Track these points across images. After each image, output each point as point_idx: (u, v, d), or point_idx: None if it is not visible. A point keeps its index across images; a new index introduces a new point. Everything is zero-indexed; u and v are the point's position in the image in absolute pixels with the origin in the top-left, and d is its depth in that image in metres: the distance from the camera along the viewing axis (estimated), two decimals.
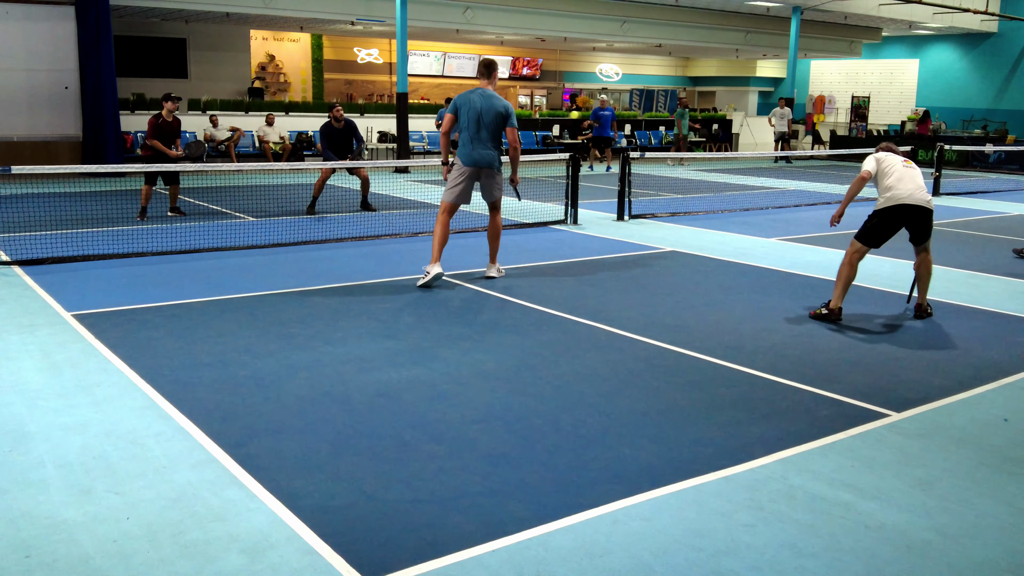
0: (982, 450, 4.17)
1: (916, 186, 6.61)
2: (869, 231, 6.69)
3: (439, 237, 7.55)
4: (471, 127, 7.50)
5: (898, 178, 6.62)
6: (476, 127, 7.49)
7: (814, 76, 32.57)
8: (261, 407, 4.52)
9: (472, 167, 7.58)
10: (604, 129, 19.89)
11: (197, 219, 11.22)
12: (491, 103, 7.53)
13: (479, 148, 7.55)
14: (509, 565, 3.05)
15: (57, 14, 15.59)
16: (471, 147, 7.55)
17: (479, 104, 7.51)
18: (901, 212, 6.59)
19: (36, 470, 3.73)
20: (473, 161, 7.55)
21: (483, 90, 7.61)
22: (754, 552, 3.17)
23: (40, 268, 7.94)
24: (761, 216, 12.61)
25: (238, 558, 3.06)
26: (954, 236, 10.98)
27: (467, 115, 7.52)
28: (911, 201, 6.56)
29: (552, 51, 31.17)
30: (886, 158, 6.79)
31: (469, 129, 7.51)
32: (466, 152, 7.56)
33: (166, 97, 11.08)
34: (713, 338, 6.00)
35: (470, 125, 7.50)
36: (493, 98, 7.58)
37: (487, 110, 7.52)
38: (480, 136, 7.53)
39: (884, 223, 6.66)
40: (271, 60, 26.04)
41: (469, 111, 7.50)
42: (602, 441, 4.16)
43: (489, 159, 7.61)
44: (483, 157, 7.57)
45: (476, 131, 7.50)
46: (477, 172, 7.62)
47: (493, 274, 7.84)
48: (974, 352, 5.82)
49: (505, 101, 7.72)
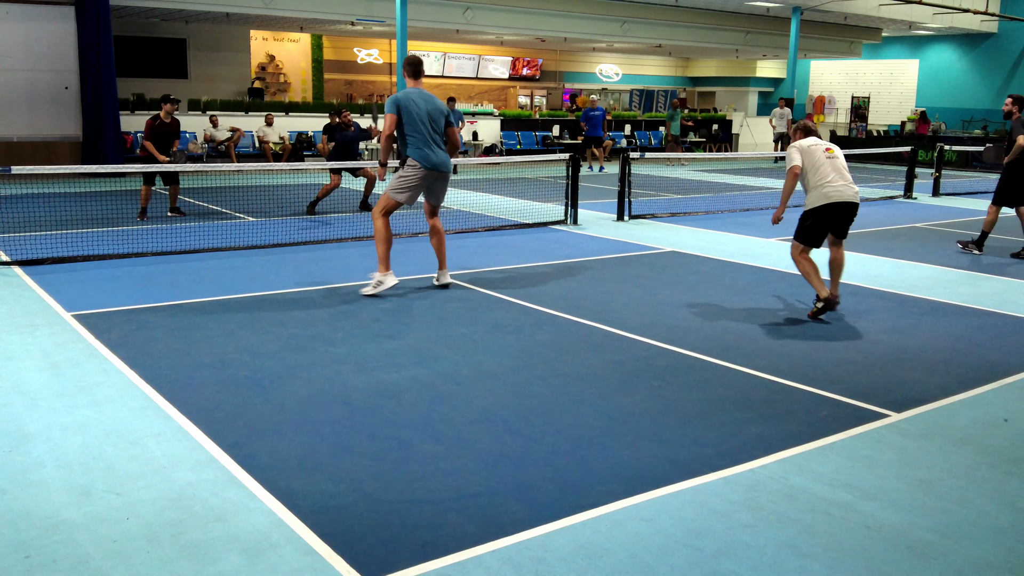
0: (982, 450, 4.17)
1: (845, 181, 6.62)
2: (807, 232, 6.69)
3: (387, 241, 7.23)
4: (423, 129, 7.15)
5: (825, 174, 6.58)
6: (429, 129, 7.17)
7: (814, 76, 32.58)
8: (261, 407, 4.52)
9: (432, 171, 7.24)
10: (596, 129, 19.93)
11: (197, 219, 11.22)
12: (434, 104, 7.27)
13: (437, 151, 7.24)
14: (509, 565, 3.05)
15: (57, 14, 15.59)
16: (429, 150, 7.19)
17: (424, 105, 7.18)
18: (833, 210, 6.58)
19: (36, 470, 3.73)
20: (434, 165, 7.21)
21: (420, 90, 7.30)
22: (754, 552, 3.17)
23: (40, 268, 7.94)
24: (761, 216, 12.61)
25: (238, 558, 3.06)
26: (954, 236, 10.98)
27: (415, 117, 7.15)
28: (843, 199, 6.57)
29: (552, 51, 31.17)
30: (810, 150, 6.66)
31: (420, 131, 7.15)
32: (423, 155, 7.17)
33: (164, 99, 11.07)
34: (713, 338, 6.00)
35: (421, 127, 7.15)
36: (433, 99, 7.32)
37: (433, 111, 7.24)
38: (435, 138, 7.24)
39: (818, 223, 6.65)
40: (271, 60, 26.04)
41: (417, 112, 7.14)
42: (602, 441, 4.16)
43: (447, 162, 7.35)
44: (443, 160, 7.29)
45: (429, 133, 7.18)
46: (434, 176, 7.29)
47: (447, 280, 7.51)
48: (974, 352, 5.82)
49: (441, 100, 7.50)
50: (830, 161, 6.63)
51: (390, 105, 7.19)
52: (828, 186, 6.55)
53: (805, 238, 6.69)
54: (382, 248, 7.20)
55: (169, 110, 11.01)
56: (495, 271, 8.19)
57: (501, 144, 22.75)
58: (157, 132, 10.96)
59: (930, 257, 9.45)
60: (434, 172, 7.26)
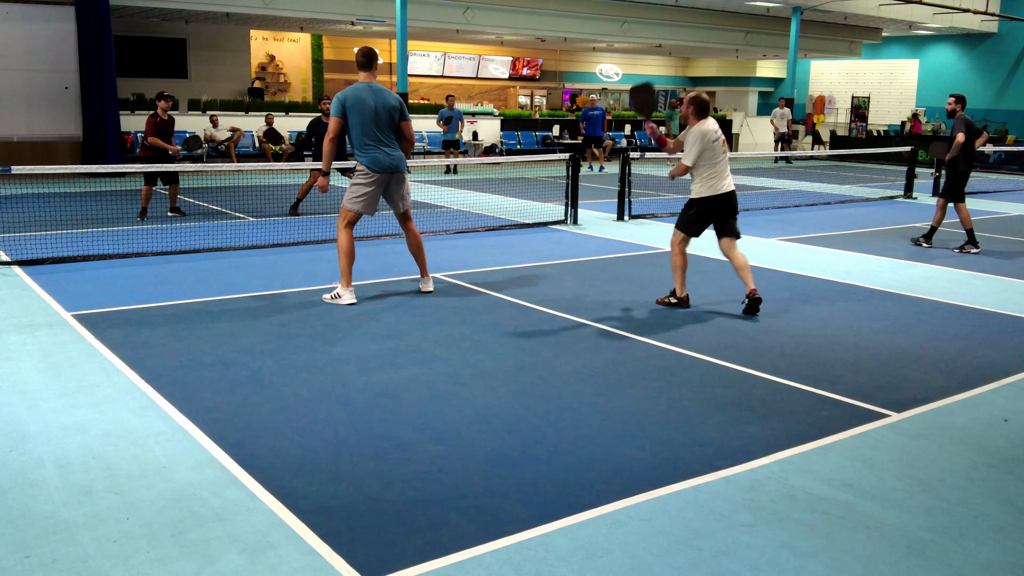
0: (982, 450, 4.17)
1: (728, 171, 6.79)
2: (691, 221, 6.78)
3: (348, 255, 6.84)
4: (371, 129, 6.70)
5: (721, 169, 6.68)
6: (377, 128, 6.72)
7: (814, 76, 32.57)
8: (261, 407, 4.52)
9: (383, 174, 6.81)
10: (595, 129, 19.92)
11: (197, 219, 11.21)
12: (384, 98, 6.75)
13: (388, 151, 6.81)
14: (509, 565, 3.05)
15: (57, 14, 15.59)
16: (379, 151, 6.76)
17: (373, 102, 6.67)
18: (720, 200, 6.70)
19: (36, 470, 3.73)
20: (385, 167, 6.79)
21: (370, 84, 6.77)
22: (754, 552, 3.17)
23: (40, 268, 7.94)
24: (761, 216, 12.61)
25: (238, 558, 3.06)
26: (954, 236, 10.98)
27: (362, 116, 6.67)
28: (728, 189, 6.72)
29: (552, 51, 31.17)
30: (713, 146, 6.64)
31: (370, 132, 6.70)
32: (373, 157, 6.76)
33: (160, 96, 11.11)
34: (713, 338, 6.00)
35: (370, 127, 6.69)
36: (384, 92, 6.79)
37: (383, 107, 6.71)
38: (387, 137, 6.79)
39: (703, 213, 6.75)
40: (271, 60, 26.04)
41: (363, 111, 6.66)
42: (602, 441, 4.16)
43: (400, 163, 6.90)
44: (395, 161, 6.85)
45: (378, 132, 6.73)
46: (387, 179, 6.87)
47: (429, 288, 7.24)
48: (974, 352, 5.82)
49: (393, 93, 6.96)
50: (725, 156, 6.74)
51: (335, 107, 6.70)
52: (720, 180, 6.68)
53: (687, 227, 6.80)
54: (343, 261, 6.83)
55: (165, 107, 11.04)
56: (495, 271, 8.19)
57: (501, 144, 22.75)
58: (158, 128, 10.99)
59: (930, 257, 9.45)
60: (386, 176, 6.86)
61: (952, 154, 9.75)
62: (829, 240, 10.39)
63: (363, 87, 6.74)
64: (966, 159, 9.84)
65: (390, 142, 6.84)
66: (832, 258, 9.23)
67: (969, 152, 9.83)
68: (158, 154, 11.04)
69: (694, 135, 6.62)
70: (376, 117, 6.70)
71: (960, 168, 9.87)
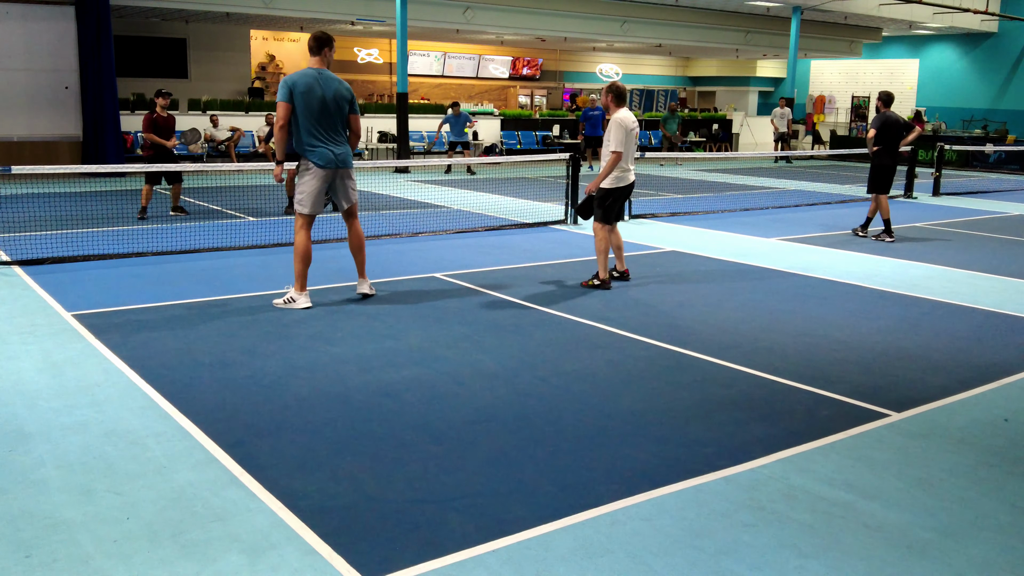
0: (982, 450, 4.17)
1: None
2: (609, 212, 7.33)
3: (303, 259, 6.47)
4: (319, 119, 6.27)
5: (631, 157, 7.18)
6: (324, 118, 6.31)
7: (814, 76, 32.57)
8: (261, 407, 4.52)
9: (330, 168, 6.44)
10: (595, 129, 19.81)
11: (197, 219, 11.21)
12: (334, 87, 6.35)
13: (334, 145, 6.42)
14: (509, 565, 3.05)
15: (57, 14, 15.59)
16: (325, 144, 6.37)
17: (320, 90, 6.25)
18: (628, 189, 7.37)
19: (36, 470, 3.73)
20: (330, 161, 6.41)
21: (320, 71, 6.33)
22: (754, 552, 3.17)
23: (40, 268, 7.94)
24: (761, 216, 12.61)
25: (238, 558, 3.06)
26: (954, 236, 10.98)
27: (309, 104, 6.21)
28: (634, 178, 7.40)
29: (552, 51, 31.16)
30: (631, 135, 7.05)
31: (319, 122, 6.28)
32: (320, 151, 6.35)
33: (158, 93, 11.18)
34: (713, 338, 6.00)
35: (317, 116, 6.26)
36: (334, 80, 6.40)
37: (335, 96, 6.31)
38: (335, 129, 6.38)
39: (617, 199, 7.36)
40: (271, 60, 26.03)
41: (311, 99, 6.21)
42: (602, 441, 4.16)
43: (347, 157, 6.52)
44: (342, 155, 6.46)
45: (325, 123, 6.33)
46: (334, 174, 6.50)
47: (366, 290, 6.89)
48: (974, 352, 5.82)
49: (344, 82, 6.55)
50: (635, 146, 7.21)
51: (282, 91, 6.22)
52: (630, 171, 7.24)
53: (608, 218, 7.34)
54: (298, 266, 6.49)
55: (164, 104, 11.06)
56: (495, 271, 8.19)
57: (501, 144, 22.75)
58: (156, 125, 10.99)
59: (930, 257, 9.45)
60: (332, 171, 6.47)
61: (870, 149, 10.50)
62: (829, 240, 10.39)
63: (312, 72, 6.31)
64: (890, 154, 10.43)
65: (339, 134, 6.46)
66: (832, 258, 9.22)
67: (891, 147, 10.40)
68: (159, 153, 11.05)
69: (617, 123, 7.04)
70: (324, 108, 6.31)
71: (883, 162, 10.44)
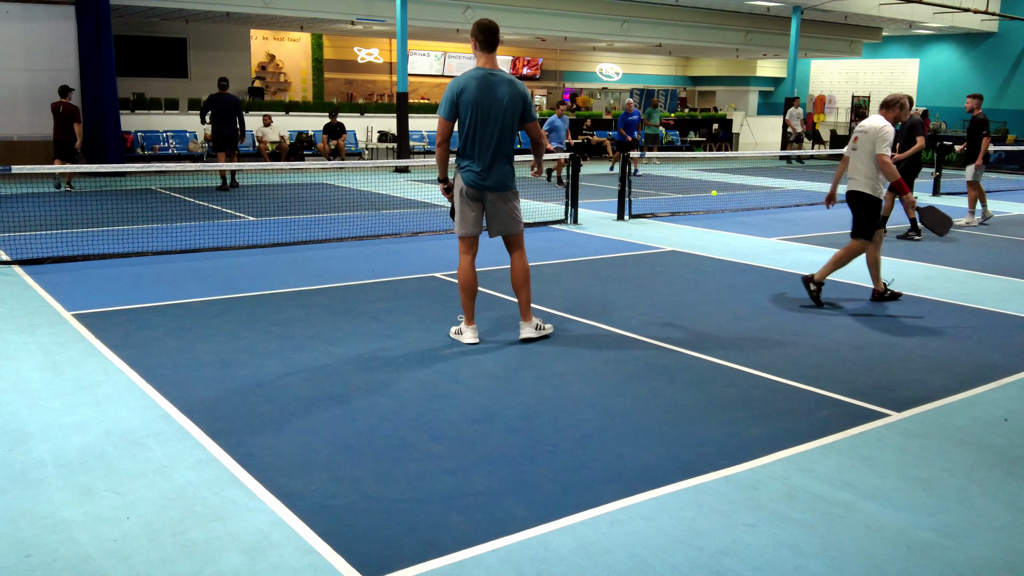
0: (982, 450, 4.17)
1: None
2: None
3: (465, 288, 5.67)
4: (489, 131, 5.38)
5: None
6: (494, 130, 5.41)
7: (814, 76, 32.57)
8: (261, 407, 4.52)
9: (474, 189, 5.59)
10: (631, 131, 19.10)
11: (197, 219, 11.21)
12: (513, 90, 5.37)
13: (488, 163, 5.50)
14: (509, 565, 3.05)
15: (57, 14, 15.59)
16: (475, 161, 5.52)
17: (490, 95, 5.25)
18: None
19: (36, 470, 3.73)
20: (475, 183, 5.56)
21: (490, 72, 5.31)
22: (754, 552, 3.17)
23: (40, 268, 7.94)
24: (761, 216, 12.61)
25: (238, 558, 3.06)
26: (954, 236, 10.98)
27: (486, 113, 5.25)
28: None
29: (552, 51, 31.16)
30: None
31: (487, 132, 5.39)
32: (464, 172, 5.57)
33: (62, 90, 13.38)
34: (713, 338, 6.00)
35: (491, 128, 5.36)
36: (511, 82, 5.41)
37: (511, 102, 5.30)
38: (504, 142, 5.46)
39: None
40: (271, 60, 26.03)
41: (486, 106, 5.26)
42: (602, 441, 4.16)
43: (504, 178, 5.60)
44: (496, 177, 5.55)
45: (494, 137, 5.42)
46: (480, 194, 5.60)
47: (530, 334, 5.81)
48: (974, 352, 5.82)
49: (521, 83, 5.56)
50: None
51: (446, 103, 5.23)
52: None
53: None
54: (460, 295, 5.73)
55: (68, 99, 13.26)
56: (495, 271, 8.19)
57: None
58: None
59: (930, 257, 9.44)
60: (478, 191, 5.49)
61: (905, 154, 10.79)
62: (829, 240, 10.38)
63: (482, 74, 5.21)
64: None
65: (506, 150, 5.39)
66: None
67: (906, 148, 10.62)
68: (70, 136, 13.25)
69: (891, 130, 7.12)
70: (499, 116, 5.25)
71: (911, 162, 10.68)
